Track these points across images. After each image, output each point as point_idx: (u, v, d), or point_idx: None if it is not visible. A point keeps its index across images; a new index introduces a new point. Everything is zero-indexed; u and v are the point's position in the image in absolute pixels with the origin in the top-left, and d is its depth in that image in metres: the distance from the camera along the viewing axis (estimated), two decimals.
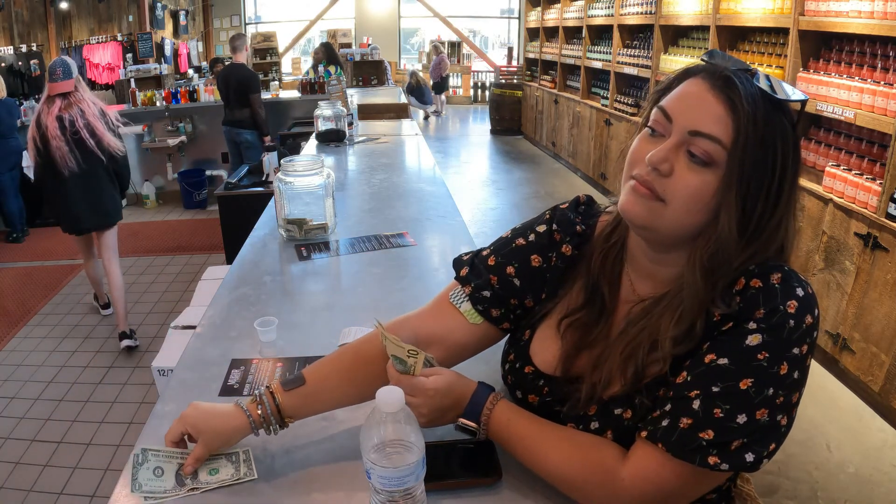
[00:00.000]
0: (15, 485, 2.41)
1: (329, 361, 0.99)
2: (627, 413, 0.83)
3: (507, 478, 0.89)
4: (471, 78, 13.35)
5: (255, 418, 0.92)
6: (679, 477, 0.76)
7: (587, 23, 6.77)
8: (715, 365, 0.76)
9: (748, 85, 0.76)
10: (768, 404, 0.74)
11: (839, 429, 2.66)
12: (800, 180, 0.80)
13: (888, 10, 2.66)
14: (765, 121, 0.75)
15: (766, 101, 0.75)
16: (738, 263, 0.77)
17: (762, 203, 0.76)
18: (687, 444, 0.74)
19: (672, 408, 0.77)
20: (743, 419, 0.73)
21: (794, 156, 0.77)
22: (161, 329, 3.58)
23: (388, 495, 0.75)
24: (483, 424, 0.88)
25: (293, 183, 1.82)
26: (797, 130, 0.78)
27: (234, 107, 5.35)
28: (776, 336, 0.74)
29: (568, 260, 0.96)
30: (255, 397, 0.94)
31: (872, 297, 2.68)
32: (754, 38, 3.91)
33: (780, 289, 0.76)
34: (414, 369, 0.85)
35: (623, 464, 0.79)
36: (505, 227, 1.06)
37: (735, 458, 0.74)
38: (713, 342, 0.78)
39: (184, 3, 10.85)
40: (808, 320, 0.75)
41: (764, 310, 0.75)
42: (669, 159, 0.76)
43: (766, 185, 0.75)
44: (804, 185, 3.15)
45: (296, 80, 8.99)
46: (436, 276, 1.69)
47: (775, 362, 0.74)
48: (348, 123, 3.41)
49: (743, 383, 0.74)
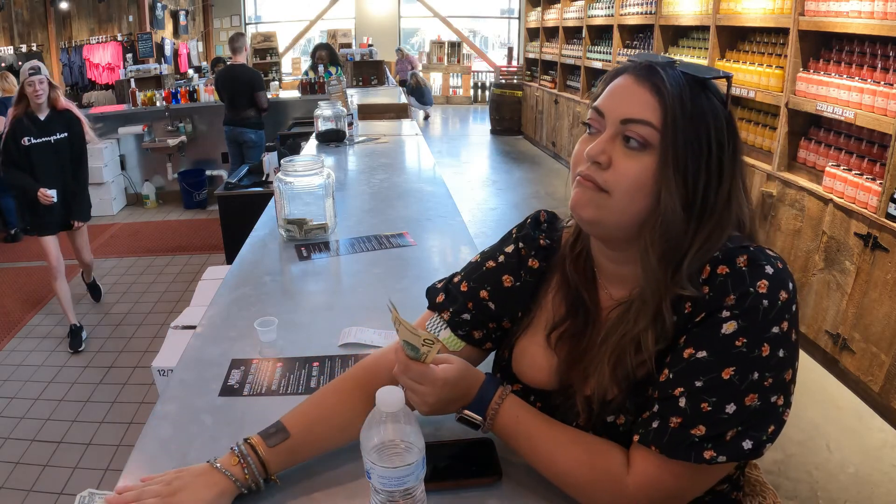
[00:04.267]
0: (15, 485, 2.41)
1: (312, 407, 0.93)
2: (620, 419, 0.83)
3: (507, 478, 0.89)
4: (471, 78, 13.34)
5: (242, 479, 0.85)
6: (680, 477, 0.76)
7: (587, 23, 6.77)
8: (695, 359, 0.75)
9: (671, 71, 0.79)
10: (756, 388, 0.73)
11: (839, 429, 2.66)
12: (742, 157, 0.84)
13: (888, 10, 2.66)
14: (692, 100, 0.78)
15: (690, 83, 0.79)
16: (698, 246, 0.79)
17: (703, 179, 0.78)
18: (680, 443, 0.74)
19: (660, 409, 0.77)
20: (732, 409, 0.73)
21: (730, 131, 0.80)
22: (161, 329, 3.58)
23: (388, 495, 0.75)
24: (489, 419, 0.87)
25: (293, 183, 1.82)
26: (727, 107, 0.81)
27: (239, 107, 5.35)
28: (751, 319, 0.74)
29: (536, 273, 0.97)
30: (234, 453, 0.86)
31: (872, 298, 2.68)
32: (754, 38, 3.91)
33: (748, 271, 0.75)
34: (426, 357, 0.82)
35: (628, 470, 0.79)
36: (505, 228, 1.06)
37: (732, 448, 0.73)
38: (689, 336, 0.77)
39: (184, 4, 10.85)
40: (783, 296, 0.74)
41: (734, 295, 0.75)
42: (606, 151, 0.79)
43: (703, 161, 0.78)
44: (805, 185, 3.16)
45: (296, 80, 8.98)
46: (436, 276, 1.68)
47: (755, 346, 0.73)
48: (348, 123, 3.41)
49: (725, 373, 0.74)
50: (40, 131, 3.38)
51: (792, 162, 3.44)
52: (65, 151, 3.48)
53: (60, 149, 3.46)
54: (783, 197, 3.32)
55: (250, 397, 1.10)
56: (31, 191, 3.35)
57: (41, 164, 3.40)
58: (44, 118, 3.39)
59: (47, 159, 3.41)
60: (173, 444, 0.98)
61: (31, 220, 3.54)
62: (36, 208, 3.43)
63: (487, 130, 9.90)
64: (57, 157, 3.45)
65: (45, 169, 3.41)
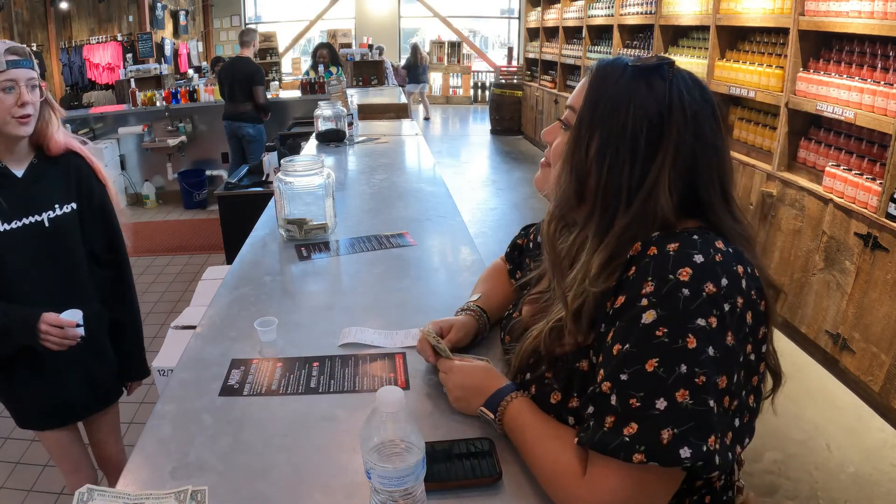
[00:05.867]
0: (15, 485, 2.41)
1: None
2: (549, 374, 0.88)
3: (507, 478, 0.89)
4: (471, 78, 13.34)
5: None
6: (622, 479, 0.72)
7: (587, 23, 6.77)
8: (620, 353, 0.74)
9: (614, 61, 0.84)
10: (686, 384, 0.69)
11: (839, 429, 2.66)
12: (686, 153, 0.79)
13: (888, 10, 2.66)
14: (616, 86, 0.81)
15: (627, 70, 0.82)
16: (616, 235, 0.80)
17: (608, 161, 0.80)
18: (610, 441, 0.72)
19: (594, 409, 0.76)
20: (662, 404, 0.70)
21: (661, 123, 0.79)
22: (161, 329, 3.58)
23: (387, 495, 0.75)
24: (499, 416, 0.92)
25: (293, 183, 1.82)
26: (671, 94, 0.79)
27: (238, 100, 5.35)
28: (670, 307, 0.72)
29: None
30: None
31: (872, 298, 2.68)
32: (754, 38, 3.91)
33: (674, 256, 0.74)
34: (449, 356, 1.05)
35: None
36: (505, 228, 1.11)
37: (667, 454, 0.68)
38: (616, 330, 0.76)
39: (184, 4, 10.84)
40: (710, 288, 0.72)
41: (653, 281, 0.74)
42: (553, 131, 0.93)
43: (610, 144, 0.79)
44: (805, 185, 3.16)
45: (296, 80, 8.98)
46: (436, 276, 1.69)
47: (677, 336, 0.71)
48: (348, 123, 3.41)
49: (649, 365, 0.71)
50: (17, 203, 1.53)
51: (792, 162, 3.44)
52: (74, 240, 1.63)
53: (65, 236, 1.61)
54: (783, 197, 3.32)
55: (250, 397, 1.10)
56: (19, 329, 1.50)
57: (23, 271, 1.55)
58: (22, 173, 1.55)
59: (37, 262, 1.57)
60: (173, 444, 0.98)
61: (17, 401, 1.68)
62: (26, 373, 1.61)
63: (487, 130, 9.90)
64: (59, 255, 1.61)
65: (34, 281, 1.57)
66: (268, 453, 0.96)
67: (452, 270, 1.74)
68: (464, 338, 1.16)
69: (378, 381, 1.14)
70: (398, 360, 1.21)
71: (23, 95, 1.45)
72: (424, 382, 1.13)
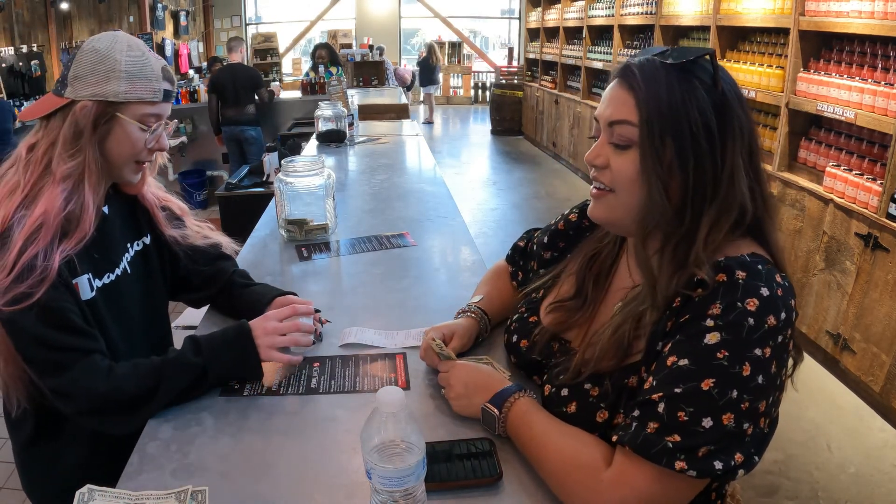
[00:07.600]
0: (15, 485, 2.41)
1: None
2: (595, 391, 0.86)
3: (508, 478, 0.89)
4: (471, 78, 13.35)
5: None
6: (652, 481, 0.75)
7: (588, 23, 6.77)
8: (676, 367, 0.76)
9: (647, 63, 0.82)
10: (733, 409, 0.73)
11: (840, 429, 2.66)
12: (747, 135, 0.83)
13: (888, 10, 2.66)
14: (668, 87, 0.80)
15: (669, 70, 0.81)
16: (706, 231, 0.80)
17: (692, 165, 0.80)
18: (653, 445, 0.74)
19: (640, 413, 0.78)
20: (709, 423, 0.73)
21: (722, 112, 0.81)
22: None
23: (388, 495, 0.75)
24: (504, 413, 0.92)
25: (294, 183, 1.82)
26: (718, 86, 0.81)
27: (242, 104, 5.35)
28: (735, 334, 0.74)
29: (574, 226, 1.10)
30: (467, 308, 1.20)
31: (873, 298, 2.68)
32: (755, 38, 3.91)
33: (743, 285, 0.76)
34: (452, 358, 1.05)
35: (607, 467, 0.79)
36: (505, 228, 1.10)
37: (703, 465, 0.73)
38: (674, 344, 0.78)
39: (184, 4, 10.85)
40: (771, 321, 0.74)
41: (721, 305, 0.75)
42: (601, 153, 0.86)
43: (689, 148, 0.79)
44: (805, 186, 3.16)
45: (296, 80, 8.99)
46: (436, 276, 1.69)
47: (736, 362, 0.73)
48: (349, 124, 3.41)
49: (705, 384, 0.74)
50: (108, 252, 1.18)
51: (792, 162, 3.44)
52: (156, 277, 1.33)
53: (149, 273, 1.31)
54: (784, 197, 3.32)
55: (250, 397, 1.10)
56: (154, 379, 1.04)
57: (126, 317, 1.21)
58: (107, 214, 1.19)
59: (133, 304, 1.25)
60: (173, 444, 0.97)
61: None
62: None
63: (488, 131, 9.90)
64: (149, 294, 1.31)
65: (134, 326, 1.24)
66: (268, 453, 0.96)
67: (453, 271, 1.74)
68: (467, 343, 1.16)
69: (378, 382, 1.14)
70: (398, 360, 1.21)
71: (162, 139, 1.17)
72: (425, 383, 1.13)
